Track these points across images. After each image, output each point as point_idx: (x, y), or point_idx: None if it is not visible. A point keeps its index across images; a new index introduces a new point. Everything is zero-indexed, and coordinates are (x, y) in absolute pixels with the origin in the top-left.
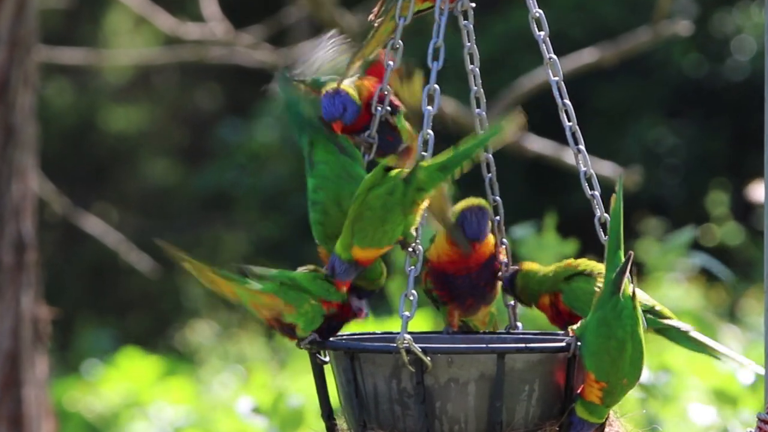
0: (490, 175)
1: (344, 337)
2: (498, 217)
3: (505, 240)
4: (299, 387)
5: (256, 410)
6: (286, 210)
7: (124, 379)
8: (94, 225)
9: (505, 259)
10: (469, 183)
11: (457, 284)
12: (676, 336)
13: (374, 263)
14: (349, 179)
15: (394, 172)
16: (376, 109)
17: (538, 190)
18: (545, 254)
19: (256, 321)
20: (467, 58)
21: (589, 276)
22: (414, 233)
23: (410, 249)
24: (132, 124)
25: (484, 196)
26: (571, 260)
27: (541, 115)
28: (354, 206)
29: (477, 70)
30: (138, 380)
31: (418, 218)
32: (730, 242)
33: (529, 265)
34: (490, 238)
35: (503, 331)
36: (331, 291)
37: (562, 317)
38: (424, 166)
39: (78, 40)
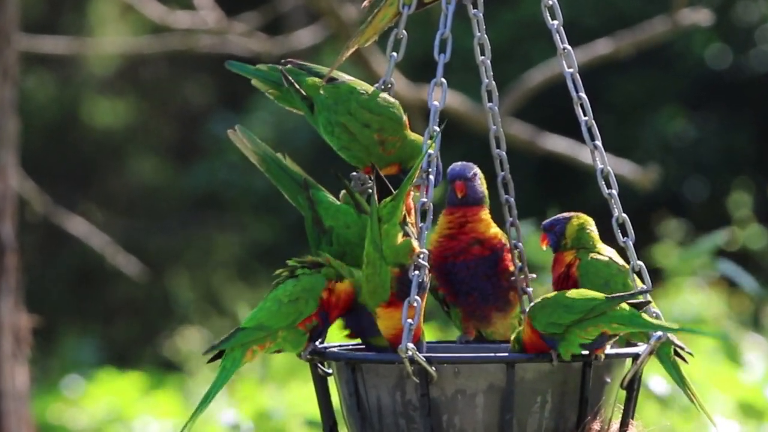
0: (503, 173)
1: (347, 346)
2: (511, 219)
3: (520, 243)
4: (291, 398)
5: (236, 427)
6: (281, 212)
7: (107, 394)
8: (77, 226)
9: (520, 264)
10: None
11: (457, 274)
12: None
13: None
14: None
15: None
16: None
17: (550, 189)
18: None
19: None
20: (477, 50)
21: (610, 260)
22: (415, 248)
23: (416, 257)
24: (118, 118)
25: (496, 195)
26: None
27: (553, 109)
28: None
29: (488, 62)
30: (122, 395)
31: (399, 246)
32: (754, 246)
33: (585, 219)
34: (490, 229)
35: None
36: (304, 308)
37: (568, 281)
38: (381, 205)
39: (61, 29)
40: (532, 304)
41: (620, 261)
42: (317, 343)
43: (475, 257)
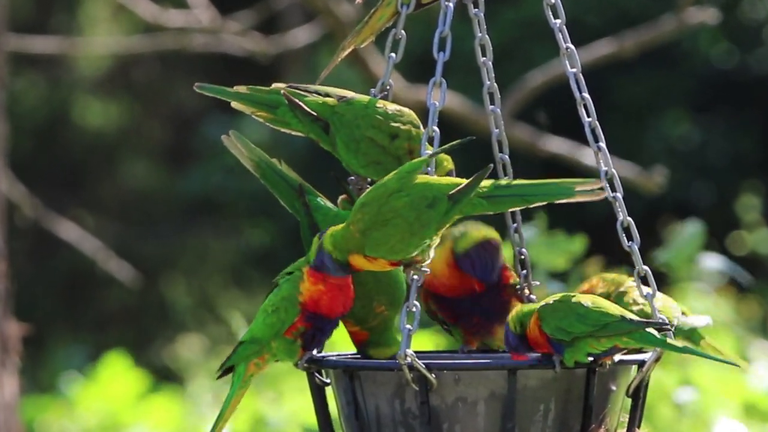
0: (506, 177)
1: (345, 355)
2: (515, 224)
3: (524, 249)
4: (288, 407)
5: None
6: (277, 217)
7: (103, 396)
8: (69, 231)
9: (524, 271)
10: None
11: (459, 306)
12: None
13: (389, 330)
14: None
15: (422, 180)
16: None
17: None
18: (554, 254)
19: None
20: (478, 50)
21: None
22: (431, 253)
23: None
24: (110, 121)
25: None
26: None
27: (556, 110)
28: (369, 209)
29: (490, 63)
30: (118, 398)
31: (439, 239)
32: (762, 250)
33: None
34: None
35: None
36: (285, 317)
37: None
38: (478, 190)
39: (51, 29)
40: (543, 302)
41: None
42: (315, 351)
43: (478, 292)
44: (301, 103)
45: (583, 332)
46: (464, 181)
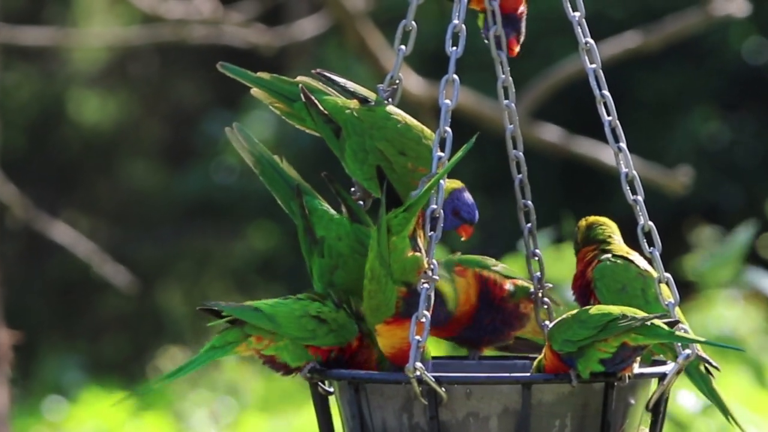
0: (520, 176)
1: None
2: (529, 224)
3: (538, 251)
4: (292, 425)
5: None
6: (282, 219)
7: (92, 417)
8: (62, 233)
9: (538, 273)
10: (499, 186)
11: (464, 337)
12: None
13: None
14: (365, 253)
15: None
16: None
17: (572, 194)
18: (564, 266)
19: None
20: (493, 43)
21: (629, 263)
22: (423, 265)
23: (426, 271)
24: (106, 117)
25: (513, 199)
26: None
27: (575, 108)
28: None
29: (504, 56)
30: (108, 419)
31: (407, 261)
32: None
33: (595, 218)
34: (467, 290)
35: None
36: (320, 336)
37: (584, 280)
38: (391, 215)
39: (45, 20)
40: (551, 325)
41: (643, 265)
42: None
43: (470, 320)
44: (316, 102)
45: (586, 337)
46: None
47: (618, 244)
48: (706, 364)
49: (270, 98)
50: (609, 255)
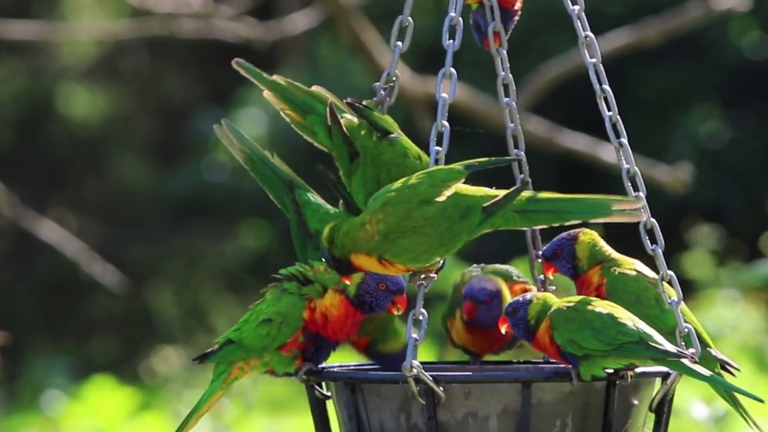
0: (522, 175)
1: (348, 366)
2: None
3: (540, 252)
4: (286, 428)
5: None
6: (274, 217)
7: (90, 414)
8: (50, 231)
9: (542, 276)
10: (499, 184)
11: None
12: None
13: (390, 323)
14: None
15: (456, 190)
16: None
17: (571, 193)
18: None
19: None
20: (492, 39)
21: (638, 275)
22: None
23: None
24: (95, 113)
25: None
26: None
27: (573, 104)
28: (396, 212)
29: (504, 52)
30: (106, 416)
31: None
32: None
33: (590, 233)
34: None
35: (541, 361)
36: (277, 334)
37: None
38: (514, 203)
39: (32, 14)
40: (556, 308)
41: (648, 273)
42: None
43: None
44: (342, 122)
45: (596, 350)
46: (499, 193)
47: (618, 256)
48: (724, 364)
49: (282, 104)
50: (616, 269)
